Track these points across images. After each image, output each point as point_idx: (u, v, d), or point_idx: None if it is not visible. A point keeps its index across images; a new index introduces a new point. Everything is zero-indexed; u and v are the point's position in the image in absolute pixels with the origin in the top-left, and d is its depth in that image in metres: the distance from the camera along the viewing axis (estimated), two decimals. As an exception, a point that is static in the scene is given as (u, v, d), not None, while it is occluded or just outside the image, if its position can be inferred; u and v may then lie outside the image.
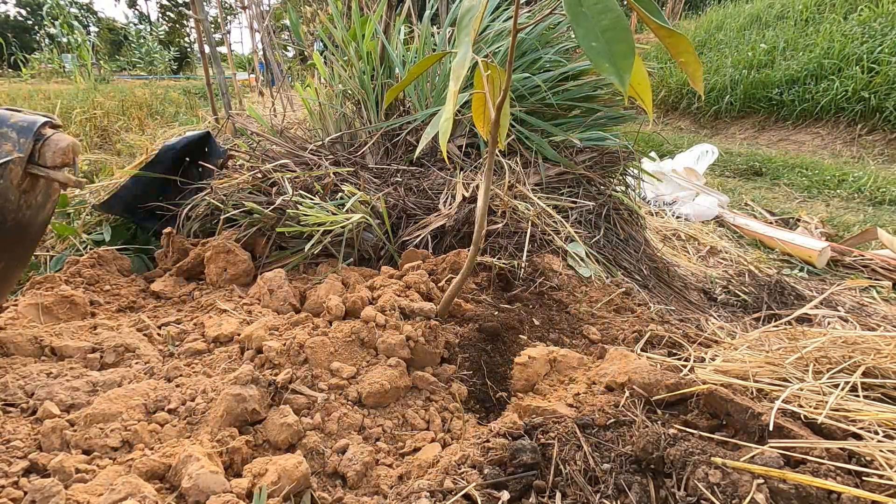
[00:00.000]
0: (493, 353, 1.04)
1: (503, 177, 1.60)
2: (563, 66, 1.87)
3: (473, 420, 0.90)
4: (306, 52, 2.91)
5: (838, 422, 0.70)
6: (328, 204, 1.36)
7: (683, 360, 0.98)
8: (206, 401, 0.82)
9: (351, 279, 1.22)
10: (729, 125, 6.38)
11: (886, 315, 1.80)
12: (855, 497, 0.57)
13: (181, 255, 1.30)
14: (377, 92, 1.82)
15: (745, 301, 1.88)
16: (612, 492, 0.65)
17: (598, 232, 1.63)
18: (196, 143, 1.53)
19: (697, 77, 0.68)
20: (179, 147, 1.48)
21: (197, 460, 0.65)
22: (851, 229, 2.84)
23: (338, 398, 0.86)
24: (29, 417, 0.77)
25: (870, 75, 5.19)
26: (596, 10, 0.58)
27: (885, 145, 4.85)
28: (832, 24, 6.03)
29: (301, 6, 3.08)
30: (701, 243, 2.51)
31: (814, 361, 0.87)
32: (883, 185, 3.68)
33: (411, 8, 2.19)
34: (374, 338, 0.96)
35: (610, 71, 0.57)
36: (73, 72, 5.86)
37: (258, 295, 1.18)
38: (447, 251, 1.36)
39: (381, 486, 0.74)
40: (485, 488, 0.67)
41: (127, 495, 0.59)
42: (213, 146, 1.56)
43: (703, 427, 0.73)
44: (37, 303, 1.05)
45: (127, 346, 0.95)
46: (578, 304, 1.25)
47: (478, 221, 0.95)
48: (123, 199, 1.43)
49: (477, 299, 1.21)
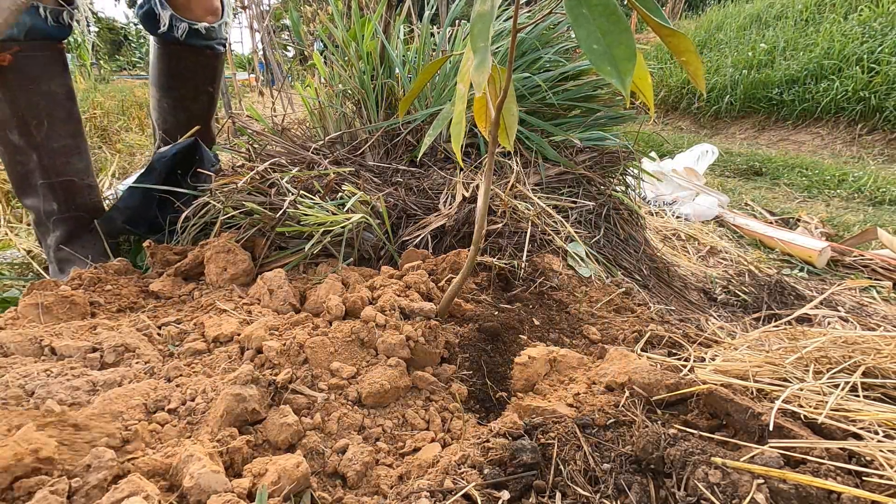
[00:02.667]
0: (493, 353, 1.04)
1: (504, 176, 1.60)
2: (563, 66, 1.87)
3: (473, 420, 0.90)
4: (306, 52, 2.91)
5: (838, 422, 0.70)
6: (328, 204, 1.36)
7: (683, 360, 0.99)
8: (206, 401, 0.82)
9: (351, 279, 1.22)
10: (729, 125, 6.38)
11: (886, 315, 1.80)
12: (855, 497, 0.57)
13: (164, 266, 1.29)
14: (377, 92, 1.82)
15: (745, 301, 1.88)
16: (612, 492, 0.65)
17: (598, 232, 1.63)
18: (186, 152, 1.52)
19: (699, 76, 0.68)
20: (171, 155, 1.47)
21: (199, 460, 0.65)
22: (851, 229, 2.84)
23: (338, 398, 0.87)
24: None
25: (870, 75, 5.20)
26: (597, 12, 0.58)
27: (885, 145, 4.85)
28: (832, 24, 6.03)
29: (301, 6, 3.09)
30: (701, 243, 2.52)
31: (814, 361, 0.88)
32: (883, 185, 3.68)
33: (411, 8, 2.19)
34: (374, 338, 0.96)
35: (611, 73, 0.57)
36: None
37: (258, 295, 1.18)
38: (447, 251, 1.36)
39: (381, 486, 0.74)
40: (485, 488, 0.67)
41: (130, 494, 0.59)
42: (203, 154, 1.55)
43: (703, 427, 0.73)
44: (37, 303, 1.05)
45: (127, 345, 0.95)
46: (578, 303, 1.25)
47: (478, 221, 0.95)
48: (124, 211, 1.42)
49: (477, 299, 1.21)
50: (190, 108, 1.72)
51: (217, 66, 1.74)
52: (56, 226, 1.37)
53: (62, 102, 1.30)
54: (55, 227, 1.37)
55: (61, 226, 1.38)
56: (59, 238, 1.38)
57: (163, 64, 1.65)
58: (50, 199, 1.34)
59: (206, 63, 1.67)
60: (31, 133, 1.27)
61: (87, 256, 1.35)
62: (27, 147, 1.28)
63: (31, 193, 1.34)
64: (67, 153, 1.33)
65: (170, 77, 1.66)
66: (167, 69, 1.65)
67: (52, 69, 1.28)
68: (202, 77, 1.69)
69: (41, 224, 1.39)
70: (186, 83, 1.68)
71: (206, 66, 1.68)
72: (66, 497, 0.59)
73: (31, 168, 1.31)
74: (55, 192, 1.34)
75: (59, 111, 1.29)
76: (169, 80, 1.67)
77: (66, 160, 1.33)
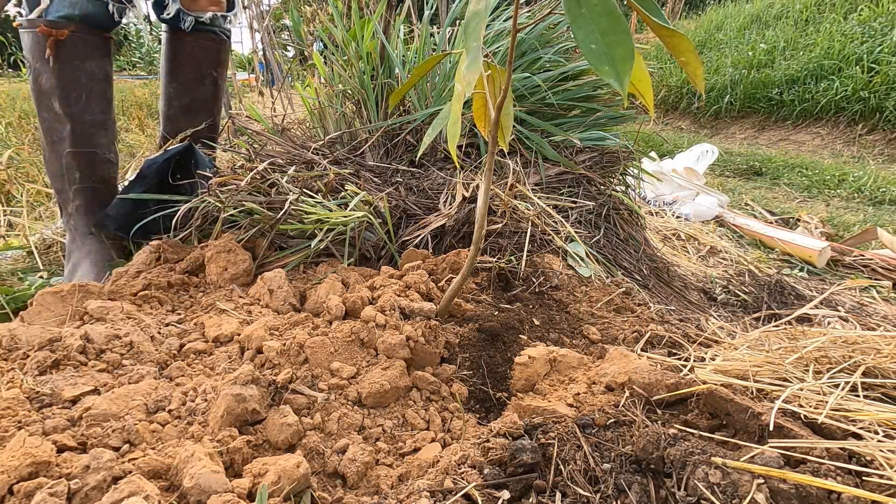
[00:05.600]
0: (493, 353, 1.04)
1: (504, 176, 1.60)
2: (563, 66, 1.87)
3: (473, 420, 0.90)
4: (306, 52, 2.91)
5: (838, 422, 0.70)
6: (330, 203, 1.36)
7: (683, 360, 0.99)
8: (206, 401, 0.82)
9: (351, 279, 1.22)
10: (729, 125, 6.38)
11: (886, 315, 1.80)
12: (855, 497, 0.57)
13: (165, 266, 1.30)
14: (377, 92, 1.82)
15: (745, 301, 1.88)
16: (612, 492, 0.65)
17: (598, 232, 1.63)
18: (180, 156, 1.53)
19: (699, 77, 0.68)
20: (162, 160, 1.48)
21: (199, 460, 0.65)
22: (851, 229, 2.84)
23: (338, 398, 0.87)
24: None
25: (870, 75, 5.19)
26: (596, 12, 0.58)
27: (885, 145, 4.85)
28: (832, 24, 6.03)
29: (301, 6, 3.09)
30: (701, 243, 2.52)
31: (814, 361, 0.88)
32: (883, 184, 3.68)
33: (411, 8, 2.19)
34: (374, 338, 0.96)
35: (609, 74, 0.57)
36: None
37: (258, 295, 1.18)
38: (447, 251, 1.36)
39: (381, 486, 0.74)
40: (485, 488, 0.67)
41: (130, 494, 0.59)
42: (198, 158, 1.56)
43: (703, 427, 0.73)
44: (38, 303, 1.05)
45: (128, 345, 0.95)
46: (578, 303, 1.25)
47: (478, 221, 0.95)
48: (115, 219, 1.43)
49: (477, 299, 1.21)
50: (194, 92, 1.80)
51: (221, 53, 1.82)
52: (76, 195, 1.49)
53: (100, 82, 1.47)
54: (75, 196, 1.49)
55: (80, 196, 1.49)
56: (77, 207, 1.50)
57: (168, 50, 1.76)
58: (73, 169, 1.47)
59: (209, 47, 1.77)
60: (69, 104, 1.43)
61: (102, 229, 1.48)
62: (64, 116, 1.43)
63: (58, 161, 1.48)
64: (96, 127, 1.48)
65: (174, 61, 1.76)
66: (172, 55, 1.76)
67: (97, 52, 1.45)
68: (205, 61, 1.78)
69: (63, 192, 1.51)
70: (189, 67, 1.77)
71: (208, 50, 1.77)
72: (65, 499, 0.59)
73: (63, 136, 1.45)
74: (79, 161, 1.47)
75: (97, 88, 1.46)
76: (174, 64, 1.77)
77: (94, 133, 1.48)
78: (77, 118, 1.44)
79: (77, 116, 1.44)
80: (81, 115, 1.44)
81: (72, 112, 1.43)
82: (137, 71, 13.18)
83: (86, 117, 1.45)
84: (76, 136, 1.45)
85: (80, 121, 1.44)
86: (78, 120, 1.44)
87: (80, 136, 1.45)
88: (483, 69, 0.80)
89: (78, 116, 1.44)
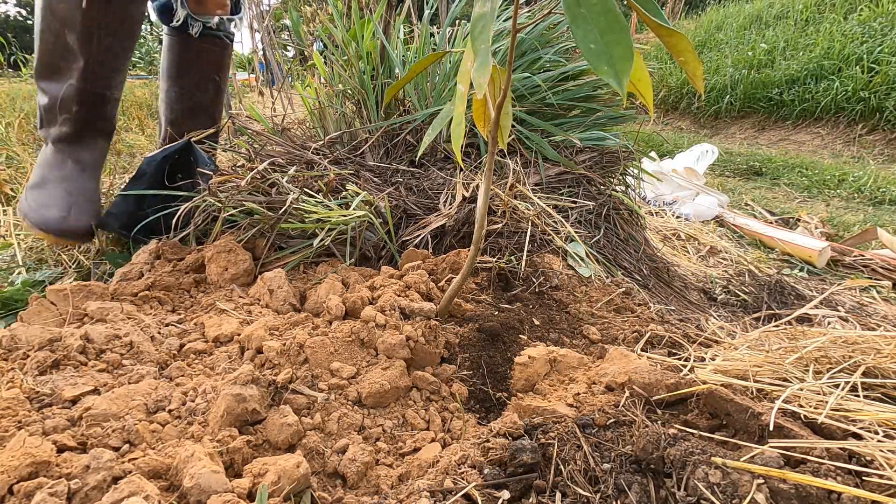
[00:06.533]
0: (493, 353, 1.04)
1: (503, 176, 1.60)
2: (563, 66, 1.87)
3: (473, 420, 0.90)
4: (306, 52, 2.91)
5: (838, 422, 0.70)
6: (331, 202, 1.36)
7: (683, 360, 0.99)
8: (206, 401, 0.82)
9: (351, 279, 1.22)
10: (729, 125, 6.38)
11: (886, 315, 1.80)
12: (855, 497, 0.57)
13: (166, 265, 1.30)
14: (377, 92, 1.82)
15: (745, 301, 1.88)
16: (612, 492, 0.65)
17: (598, 232, 1.63)
18: (179, 154, 1.53)
19: (698, 77, 0.68)
20: (160, 158, 1.47)
21: (199, 460, 0.65)
22: (851, 229, 2.84)
23: (338, 398, 0.87)
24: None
25: (870, 75, 5.20)
26: (595, 12, 0.58)
27: (885, 145, 4.85)
28: (832, 24, 6.03)
29: (301, 6, 3.09)
30: (701, 243, 2.52)
31: (814, 361, 0.88)
32: (883, 184, 3.68)
33: (411, 8, 2.19)
34: (374, 338, 0.96)
35: (608, 73, 0.57)
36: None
37: (258, 295, 1.18)
38: (447, 251, 1.36)
39: (381, 486, 0.74)
40: (485, 488, 0.67)
41: (130, 494, 0.59)
42: (197, 155, 1.56)
43: (703, 427, 0.73)
44: (37, 303, 1.05)
45: (128, 345, 0.95)
46: (578, 303, 1.25)
47: (478, 221, 0.95)
48: (117, 217, 1.43)
49: (477, 299, 1.21)
50: (195, 96, 1.79)
51: (224, 57, 1.81)
52: (66, 123, 1.40)
53: (131, 26, 1.37)
54: (64, 123, 1.40)
55: (70, 124, 1.40)
56: (63, 133, 1.41)
57: (172, 54, 1.73)
58: (72, 101, 1.37)
59: (213, 52, 1.75)
60: (90, 42, 1.30)
61: (77, 163, 1.39)
62: (79, 52, 1.31)
63: (56, 81, 1.36)
64: (114, 69, 1.40)
65: (177, 66, 1.74)
66: (176, 58, 1.73)
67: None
68: (208, 66, 1.76)
69: (51, 111, 1.41)
70: (193, 72, 1.75)
71: (212, 55, 1.76)
72: (65, 499, 0.59)
73: (71, 68, 1.33)
74: (85, 96, 1.37)
75: (127, 30, 1.36)
76: (177, 69, 1.74)
77: (109, 75, 1.39)
78: (94, 58, 1.31)
79: (94, 56, 1.31)
80: (100, 56, 1.32)
81: (90, 51, 1.30)
82: (137, 71, 13.16)
83: (105, 58, 1.33)
84: (88, 75, 1.32)
85: (98, 62, 1.32)
86: (95, 60, 1.31)
87: (91, 76, 1.33)
88: (483, 69, 0.80)
89: (95, 57, 1.31)
